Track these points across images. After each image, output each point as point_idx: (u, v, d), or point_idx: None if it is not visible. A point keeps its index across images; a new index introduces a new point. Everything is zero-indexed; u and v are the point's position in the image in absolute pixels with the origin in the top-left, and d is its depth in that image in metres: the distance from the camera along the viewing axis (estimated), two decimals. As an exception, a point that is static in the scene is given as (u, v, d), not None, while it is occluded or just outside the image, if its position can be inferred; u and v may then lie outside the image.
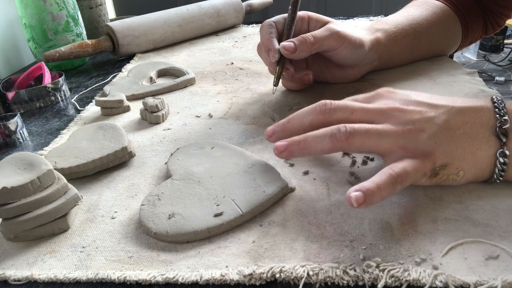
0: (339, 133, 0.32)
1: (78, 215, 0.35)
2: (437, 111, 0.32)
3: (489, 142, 0.31)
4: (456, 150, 0.31)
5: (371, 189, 0.28)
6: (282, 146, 0.33)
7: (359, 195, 0.28)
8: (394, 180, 0.29)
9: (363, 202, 0.28)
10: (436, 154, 0.31)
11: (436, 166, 0.31)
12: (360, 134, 0.32)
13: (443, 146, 0.31)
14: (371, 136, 0.32)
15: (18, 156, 0.34)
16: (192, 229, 0.30)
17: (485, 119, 0.32)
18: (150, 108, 0.50)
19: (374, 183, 0.29)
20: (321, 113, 0.34)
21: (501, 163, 0.31)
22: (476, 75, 0.53)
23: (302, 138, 0.33)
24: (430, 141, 0.31)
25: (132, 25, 0.77)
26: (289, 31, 0.49)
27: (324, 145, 0.32)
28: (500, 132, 0.31)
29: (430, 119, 0.32)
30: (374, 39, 0.52)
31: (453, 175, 0.32)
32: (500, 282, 0.24)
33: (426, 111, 0.32)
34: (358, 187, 0.28)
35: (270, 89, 0.56)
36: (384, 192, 0.29)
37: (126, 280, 0.27)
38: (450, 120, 0.32)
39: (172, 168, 0.38)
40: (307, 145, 0.33)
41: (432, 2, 0.58)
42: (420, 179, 0.31)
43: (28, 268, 0.30)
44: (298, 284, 0.26)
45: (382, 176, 0.29)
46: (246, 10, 0.92)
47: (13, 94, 0.58)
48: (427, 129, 0.31)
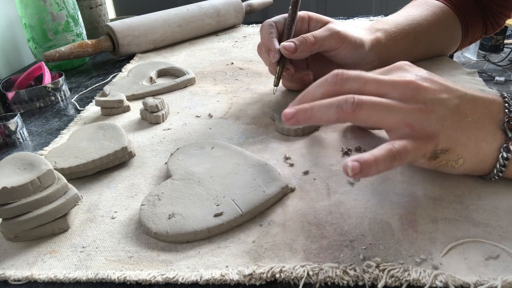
0: (346, 104, 0.31)
1: (78, 215, 0.35)
2: (451, 94, 0.32)
3: (495, 135, 0.31)
4: (461, 137, 0.31)
5: (368, 160, 0.28)
6: (290, 114, 0.32)
7: (355, 164, 0.28)
8: (393, 156, 0.29)
9: (359, 172, 0.28)
10: (440, 137, 0.31)
11: (438, 149, 0.31)
12: (367, 107, 0.31)
13: (449, 131, 0.31)
14: (378, 110, 0.31)
15: (18, 156, 0.34)
16: (192, 229, 0.30)
17: (494, 112, 0.32)
18: (150, 108, 0.50)
19: (373, 155, 0.29)
20: (333, 83, 0.33)
21: (503, 158, 0.31)
22: (476, 75, 0.53)
23: (309, 106, 0.32)
24: (438, 123, 0.31)
25: (132, 25, 0.77)
26: (290, 31, 0.49)
27: (330, 115, 0.32)
28: (507, 127, 0.31)
29: (442, 101, 0.31)
30: (374, 39, 0.52)
31: (453, 162, 0.32)
32: (500, 282, 0.24)
33: (441, 91, 0.32)
34: (356, 158, 0.28)
35: (270, 89, 0.56)
36: (381, 166, 0.29)
37: (126, 280, 0.27)
38: (462, 105, 0.32)
39: (172, 168, 0.38)
40: (314, 114, 0.32)
41: (432, 2, 0.58)
42: (419, 159, 0.31)
43: (28, 268, 0.30)
44: (298, 284, 0.26)
45: (382, 150, 0.29)
46: (246, 10, 0.92)
47: (13, 94, 0.58)
48: (437, 110, 0.31)
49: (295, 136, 0.44)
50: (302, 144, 0.42)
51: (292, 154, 0.40)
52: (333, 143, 0.42)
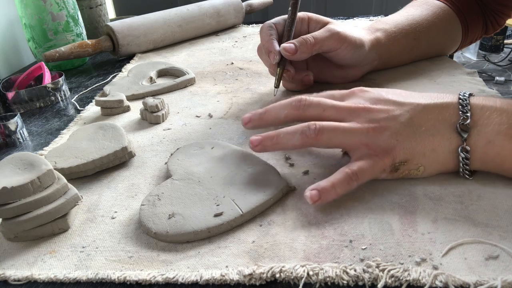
0: (309, 131, 0.34)
1: (78, 215, 0.35)
2: (403, 109, 0.34)
3: (450, 139, 0.33)
4: (417, 147, 0.33)
5: (325, 187, 0.31)
6: (256, 141, 0.36)
7: (314, 193, 0.31)
8: (349, 178, 0.32)
9: (318, 200, 0.31)
10: (396, 150, 0.33)
11: (396, 162, 0.33)
12: (328, 131, 0.34)
13: (404, 143, 0.33)
14: (338, 133, 0.34)
15: (18, 156, 0.34)
16: (192, 229, 0.30)
17: (448, 116, 0.33)
18: (150, 108, 0.50)
19: (329, 181, 0.32)
20: (296, 108, 0.37)
21: (463, 158, 0.33)
22: (476, 75, 0.53)
23: (275, 134, 0.35)
24: (392, 138, 0.33)
25: (132, 25, 0.77)
26: (289, 32, 0.49)
27: (295, 141, 0.34)
28: (461, 129, 0.32)
29: (394, 118, 0.34)
30: (374, 39, 0.52)
31: (414, 170, 0.34)
32: (500, 282, 0.24)
33: (393, 109, 0.34)
34: (314, 186, 0.31)
35: (270, 89, 0.56)
36: (339, 189, 0.31)
37: (126, 280, 0.27)
38: (414, 117, 0.33)
39: (172, 168, 0.38)
40: (280, 141, 0.35)
41: (432, 2, 0.58)
42: (380, 174, 0.34)
43: (28, 268, 0.30)
44: (298, 284, 0.26)
45: (338, 175, 0.32)
46: (246, 10, 0.92)
47: (13, 94, 0.58)
48: (390, 127, 0.33)
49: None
50: (302, 144, 0.42)
51: (292, 154, 0.40)
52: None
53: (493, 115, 0.32)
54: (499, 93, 0.50)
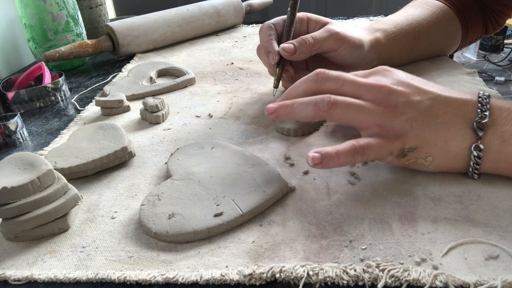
0: (322, 103, 0.33)
1: (78, 215, 0.35)
2: (423, 97, 0.34)
3: (465, 135, 0.33)
4: (430, 136, 0.33)
5: (329, 152, 0.31)
6: (272, 108, 0.35)
7: (316, 155, 0.31)
8: (355, 150, 0.31)
9: (319, 163, 0.31)
10: (409, 136, 0.33)
11: (405, 148, 0.33)
12: (342, 106, 0.33)
13: (418, 130, 0.33)
14: (351, 110, 0.33)
15: (18, 156, 0.34)
16: (192, 229, 0.30)
17: (466, 112, 0.33)
18: (150, 108, 0.50)
19: (334, 149, 0.31)
20: (314, 81, 0.36)
21: (475, 157, 0.32)
22: (476, 75, 0.53)
23: (290, 103, 0.35)
24: (407, 123, 0.33)
25: (132, 25, 0.77)
26: (289, 32, 0.49)
27: (307, 112, 0.34)
28: (477, 126, 0.32)
29: (413, 103, 0.33)
30: (374, 39, 0.52)
31: (421, 159, 0.33)
32: (500, 282, 0.24)
33: (413, 94, 0.34)
34: (318, 150, 0.31)
35: (270, 89, 0.56)
36: (342, 159, 0.31)
37: (126, 280, 0.27)
38: (433, 107, 0.33)
39: (172, 168, 0.38)
40: (293, 110, 0.35)
41: (431, 2, 0.58)
42: (386, 157, 0.33)
43: (28, 268, 0.30)
44: (298, 284, 0.26)
45: (344, 145, 0.32)
46: (246, 10, 0.92)
47: (13, 94, 0.58)
48: (407, 112, 0.33)
49: (295, 136, 0.44)
50: (302, 144, 0.42)
51: (292, 154, 0.40)
52: (333, 143, 0.42)
53: (511, 116, 0.32)
54: (499, 93, 0.50)
